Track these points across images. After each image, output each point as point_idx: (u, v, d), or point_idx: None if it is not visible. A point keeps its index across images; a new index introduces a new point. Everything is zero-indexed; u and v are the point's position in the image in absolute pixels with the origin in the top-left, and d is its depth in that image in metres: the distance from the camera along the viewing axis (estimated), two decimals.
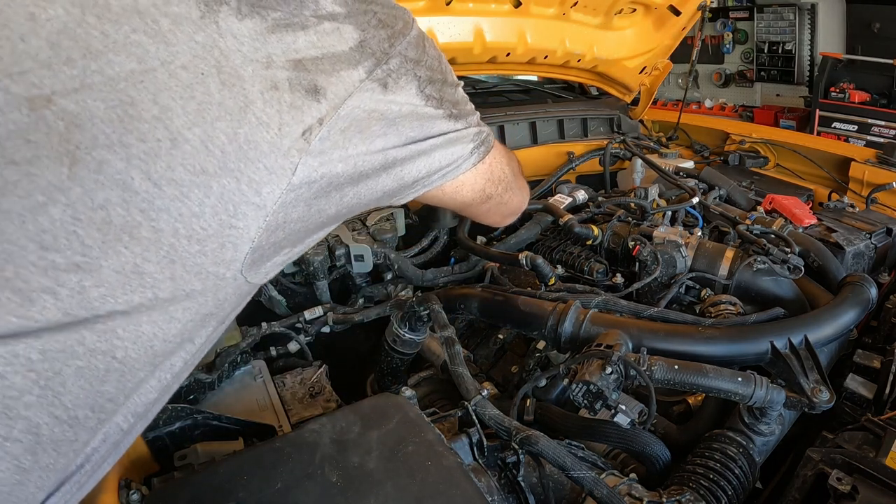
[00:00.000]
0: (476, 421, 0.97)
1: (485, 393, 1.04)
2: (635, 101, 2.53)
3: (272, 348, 1.44)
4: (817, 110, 4.30)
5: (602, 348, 0.98)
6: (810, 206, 1.82)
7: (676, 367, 0.95)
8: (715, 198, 1.74)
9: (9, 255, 0.40)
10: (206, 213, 0.46)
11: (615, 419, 0.93)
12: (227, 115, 0.46)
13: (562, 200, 1.76)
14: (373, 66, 0.54)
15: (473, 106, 0.74)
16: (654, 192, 1.71)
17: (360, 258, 1.57)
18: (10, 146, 0.39)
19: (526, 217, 1.78)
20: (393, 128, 0.58)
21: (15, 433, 0.43)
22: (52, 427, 0.45)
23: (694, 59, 2.45)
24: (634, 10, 2.16)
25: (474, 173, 0.74)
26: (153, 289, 0.46)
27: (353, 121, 0.53)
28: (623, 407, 0.92)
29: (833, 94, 4.23)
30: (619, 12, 2.11)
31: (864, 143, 3.92)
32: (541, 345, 1.34)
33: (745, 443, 1.00)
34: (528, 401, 1.17)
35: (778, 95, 4.97)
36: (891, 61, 3.91)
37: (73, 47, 0.41)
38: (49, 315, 0.42)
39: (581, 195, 1.81)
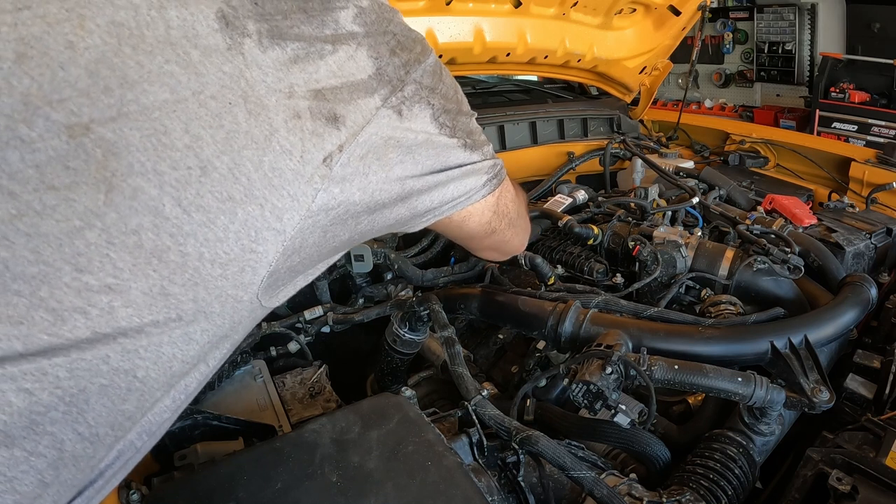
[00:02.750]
0: (476, 421, 0.97)
1: (485, 393, 1.04)
2: (635, 101, 2.53)
3: (272, 348, 1.44)
4: (817, 110, 4.30)
5: (602, 348, 0.98)
6: (810, 206, 1.82)
7: (676, 367, 0.95)
8: (715, 198, 1.74)
9: (44, 277, 0.41)
10: (229, 239, 0.48)
11: (615, 419, 0.93)
12: (254, 143, 0.47)
13: (562, 201, 1.76)
14: (388, 94, 0.55)
15: (486, 137, 0.74)
16: (654, 192, 1.71)
17: (360, 258, 1.57)
18: (49, 172, 0.40)
19: None
20: (410, 156, 0.59)
21: (41, 448, 0.44)
22: (74, 443, 0.46)
23: (694, 59, 2.46)
24: (634, 10, 2.16)
25: (483, 205, 0.75)
26: (177, 310, 0.48)
27: (370, 148, 0.54)
28: (623, 407, 0.92)
29: (833, 94, 4.23)
30: (619, 12, 2.11)
31: (864, 143, 3.91)
32: (541, 345, 1.34)
33: (745, 443, 1.00)
34: (528, 401, 1.17)
35: (778, 95, 4.96)
36: (891, 61, 3.91)
37: (111, 76, 0.42)
38: (79, 333, 0.43)
39: (581, 195, 1.81)
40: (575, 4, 1.96)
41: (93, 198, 0.42)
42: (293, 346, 1.46)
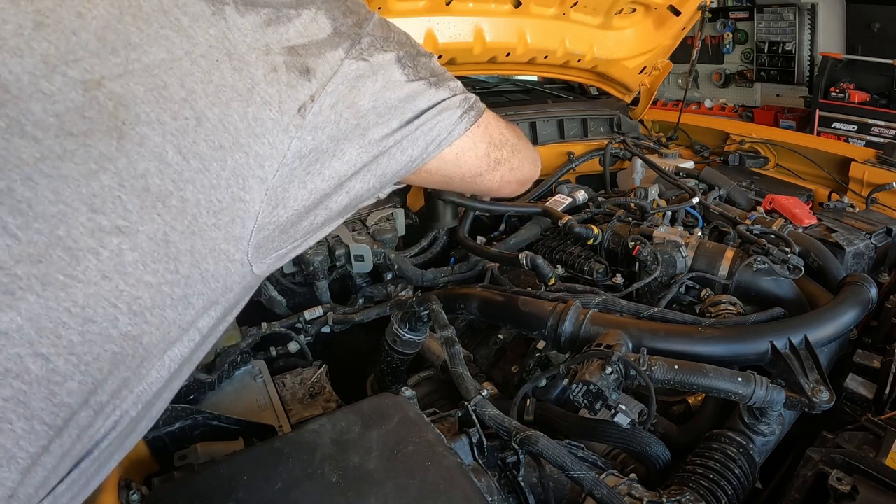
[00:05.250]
0: (476, 421, 0.97)
1: (485, 393, 1.04)
2: (635, 102, 2.53)
3: (272, 348, 1.44)
4: (817, 110, 4.29)
5: (602, 348, 0.98)
6: (810, 206, 1.82)
7: (676, 367, 0.95)
8: (715, 198, 1.73)
9: (63, 216, 0.45)
10: (221, 186, 0.52)
11: (615, 419, 0.93)
12: (238, 95, 0.52)
13: (562, 201, 1.76)
14: (349, 47, 0.61)
15: (453, 76, 0.76)
16: (654, 192, 1.71)
17: (360, 258, 1.57)
18: (68, 120, 0.45)
19: (526, 217, 1.78)
20: (379, 100, 0.63)
21: (58, 421, 0.47)
22: (81, 411, 0.48)
23: (694, 59, 2.45)
24: (634, 10, 2.16)
25: (472, 138, 0.77)
26: (175, 261, 0.51)
27: (339, 97, 0.59)
28: (623, 407, 0.92)
29: (833, 94, 4.22)
30: (619, 12, 2.11)
31: (864, 143, 3.91)
32: (541, 345, 1.34)
33: (745, 443, 1.00)
34: (528, 401, 1.17)
35: (778, 95, 4.96)
36: (891, 61, 3.90)
37: (116, 40, 0.48)
38: (90, 275, 0.46)
39: (581, 195, 1.81)
40: (575, 4, 1.96)
41: (106, 143, 0.46)
42: (293, 346, 1.46)
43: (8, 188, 0.43)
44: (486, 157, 0.82)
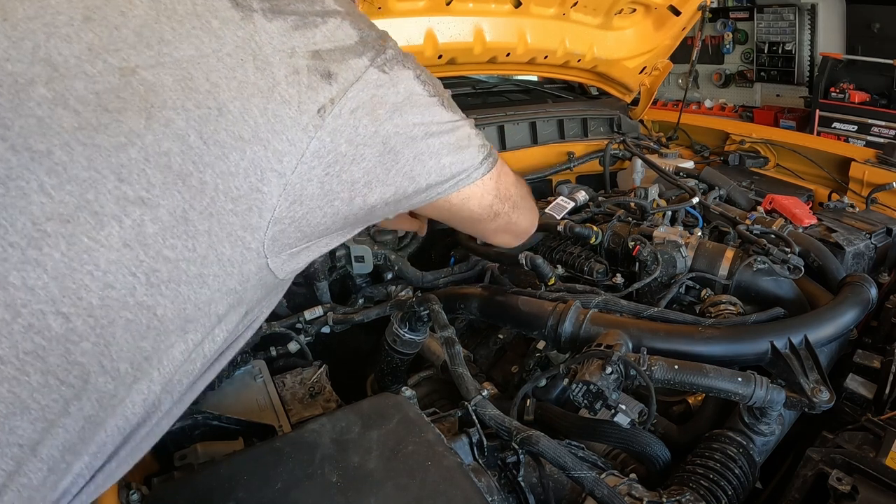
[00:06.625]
0: (476, 421, 0.97)
1: (485, 393, 1.04)
2: (635, 102, 2.53)
3: (272, 348, 1.44)
4: (817, 110, 4.29)
5: (602, 348, 0.98)
6: (810, 206, 1.82)
7: (676, 367, 0.95)
8: (715, 198, 1.73)
9: (93, 181, 0.50)
10: (240, 174, 0.56)
11: (615, 419, 0.93)
12: (260, 93, 0.57)
13: (564, 205, 1.75)
14: (374, 56, 0.64)
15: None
16: (654, 192, 1.71)
17: (360, 259, 1.57)
18: (105, 98, 0.51)
19: None
20: (397, 112, 0.66)
21: (71, 378, 0.50)
22: (97, 376, 0.52)
23: (694, 59, 2.46)
24: (634, 10, 2.16)
25: (482, 187, 0.81)
26: (193, 239, 0.55)
27: (360, 103, 0.62)
28: (623, 407, 0.92)
29: (833, 94, 4.22)
30: (619, 12, 2.11)
31: (864, 143, 3.91)
32: (541, 345, 1.34)
33: (745, 443, 1.00)
34: (528, 401, 1.17)
35: (778, 96, 4.96)
36: (891, 61, 3.90)
37: (152, 36, 0.54)
38: (112, 241, 0.51)
39: (582, 196, 1.81)
40: (575, 4, 1.96)
41: (136, 121, 0.52)
42: (293, 346, 1.46)
43: (48, 150, 0.48)
44: (489, 208, 0.85)
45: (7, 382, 0.47)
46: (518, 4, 1.86)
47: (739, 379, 0.93)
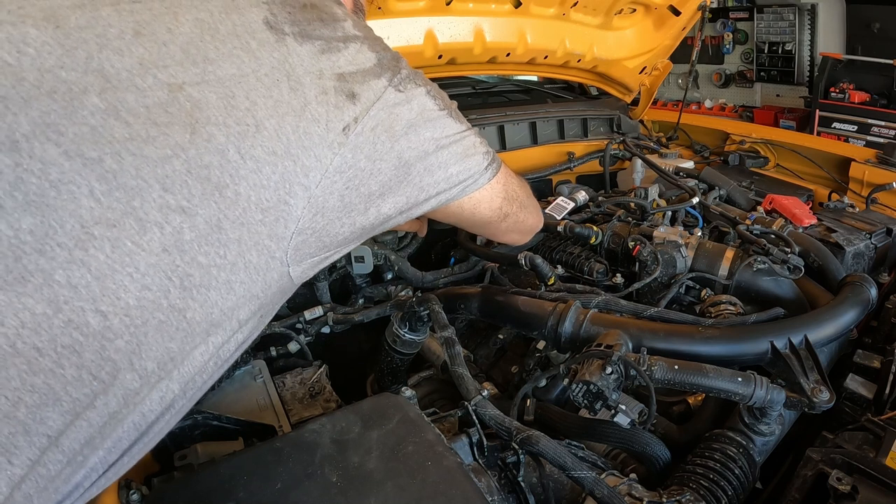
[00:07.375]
0: (476, 421, 0.97)
1: (485, 393, 1.04)
2: (635, 102, 2.53)
3: (272, 348, 1.44)
4: (817, 110, 4.29)
5: (602, 348, 0.98)
6: (810, 206, 1.82)
7: (676, 367, 0.95)
8: (715, 198, 1.73)
9: (139, 190, 0.53)
10: (270, 187, 0.60)
11: (615, 419, 0.93)
12: (293, 111, 0.61)
13: (564, 205, 1.75)
14: (391, 76, 0.69)
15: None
16: (654, 192, 1.71)
17: (360, 259, 1.57)
18: (154, 112, 0.54)
19: None
20: (412, 128, 0.71)
21: (103, 374, 0.52)
22: (125, 373, 0.54)
23: (694, 59, 2.45)
24: (634, 10, 2.16)
25: (490, 191, 0.86)
26: (224, 247, 0.58)
27: (379, 121, 0.67)
28: (623, 407, 0.92)
29: (833, 94, 4.22)
30: (619, 12, 2.11)
31: (864, 143, 3.90)
32: (541, 345, 1.34)
33: (745, 443, 1.00)
34: (528, 401, 1.17)
35: (778, 96, 4.96)
36: (891, 61, 3.90)
37: (197, 54, 0.57)
38: (153, 246, 0.54)
39: (582, 196, 1.81)
40: (575, 4, 1.96)
41: (181, 135, 0.55)
42: (293, 346, 1.46)
43: (99, 158, 0.51)
44: (498, 210, 0.91)
45: (43, 374, 0.49)
46: (518, 4, 1.86)
47: (739, 379, 0.93)
